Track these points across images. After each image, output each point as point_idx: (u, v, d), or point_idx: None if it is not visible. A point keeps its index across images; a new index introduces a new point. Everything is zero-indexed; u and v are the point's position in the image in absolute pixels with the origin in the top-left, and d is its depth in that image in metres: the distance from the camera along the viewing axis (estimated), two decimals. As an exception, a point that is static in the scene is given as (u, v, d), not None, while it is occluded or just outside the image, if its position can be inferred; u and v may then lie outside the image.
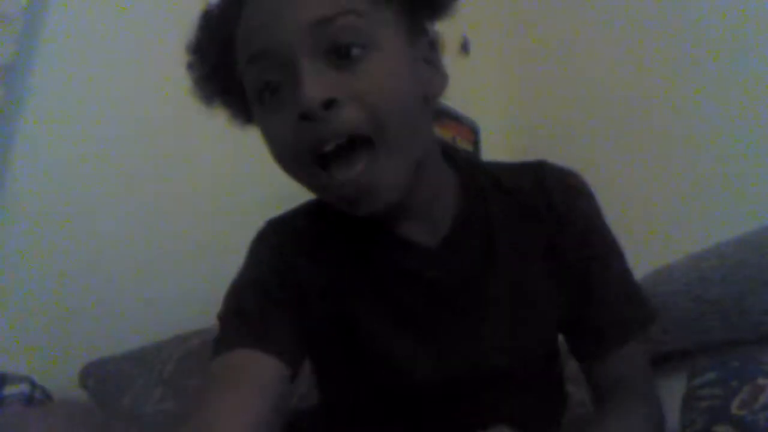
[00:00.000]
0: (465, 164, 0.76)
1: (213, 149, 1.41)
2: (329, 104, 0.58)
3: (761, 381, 0.82)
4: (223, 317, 0.71)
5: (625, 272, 0.77)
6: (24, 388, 1.06)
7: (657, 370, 1.02)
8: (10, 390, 1.05)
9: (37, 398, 1.07)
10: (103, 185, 1.32)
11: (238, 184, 1.44)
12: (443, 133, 1.73)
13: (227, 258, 0.80)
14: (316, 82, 0.58)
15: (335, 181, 0.61)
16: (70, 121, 1.30)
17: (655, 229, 1.28)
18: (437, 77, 0.69)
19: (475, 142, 1.95)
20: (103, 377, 1.19)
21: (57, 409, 0.89)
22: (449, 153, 0.76)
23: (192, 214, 1.39)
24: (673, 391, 0.94)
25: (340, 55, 0.60)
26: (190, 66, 0.71)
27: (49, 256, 1.24)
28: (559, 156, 1.50)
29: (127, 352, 1.21)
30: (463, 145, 1.88)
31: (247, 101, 0.67)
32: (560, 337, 0.79)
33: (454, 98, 0.81)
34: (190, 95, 0.72)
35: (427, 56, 0.68)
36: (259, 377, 0.64)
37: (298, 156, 0.62)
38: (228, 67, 0.67)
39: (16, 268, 1.22)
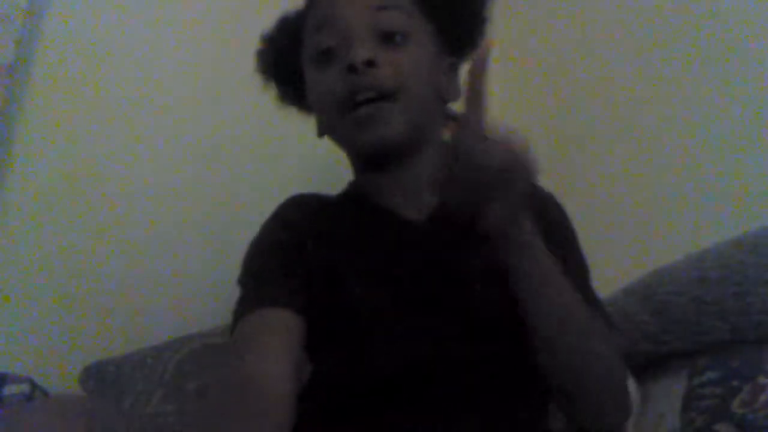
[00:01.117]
0: None
1: (215, 154, 1.41)
2: (370, 63, 0.77)
3: (762, 380, 0.82)
4: (243, 281, 0.81)
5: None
6: (24, 388, 1.06)
7: (657, 370, 1.02)
8: (10, 390, 1.05)
9: (37, 398, 1.07)
10: (103, 186, 1.32)
11: (238, 189, 1.44)
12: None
13: (228, 261, 0.81)
14: (365, 47, 0.78)
15: (358, 117, 0.78)
16: (71, 121, 1.30)
17: (655, 229, 1.28)
18: (452, 87, 0.87)
19: (475, 143, 1.95)
20: (103, 379, 1.18)
21: (56, 406, 0.90)
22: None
23: (193, 215, 1.38)
24: (672, 391, 0.94)
25: (386, 38, 0.80)
26: (260, 53, 0.93)
27: (49, 255, 1.24)
28: (559, 156, 1.50)
29: (128, 354, 1.21)
30: (463, 145, 1.87)
31: (297, 85, 0.87)
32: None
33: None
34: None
35: (447, 72, 0.87)
36: (283, 328, 0.75)
37: (338, 99, 0.79)
38: (291, 58, 0.87)
39: (16, 268, 1.22)
